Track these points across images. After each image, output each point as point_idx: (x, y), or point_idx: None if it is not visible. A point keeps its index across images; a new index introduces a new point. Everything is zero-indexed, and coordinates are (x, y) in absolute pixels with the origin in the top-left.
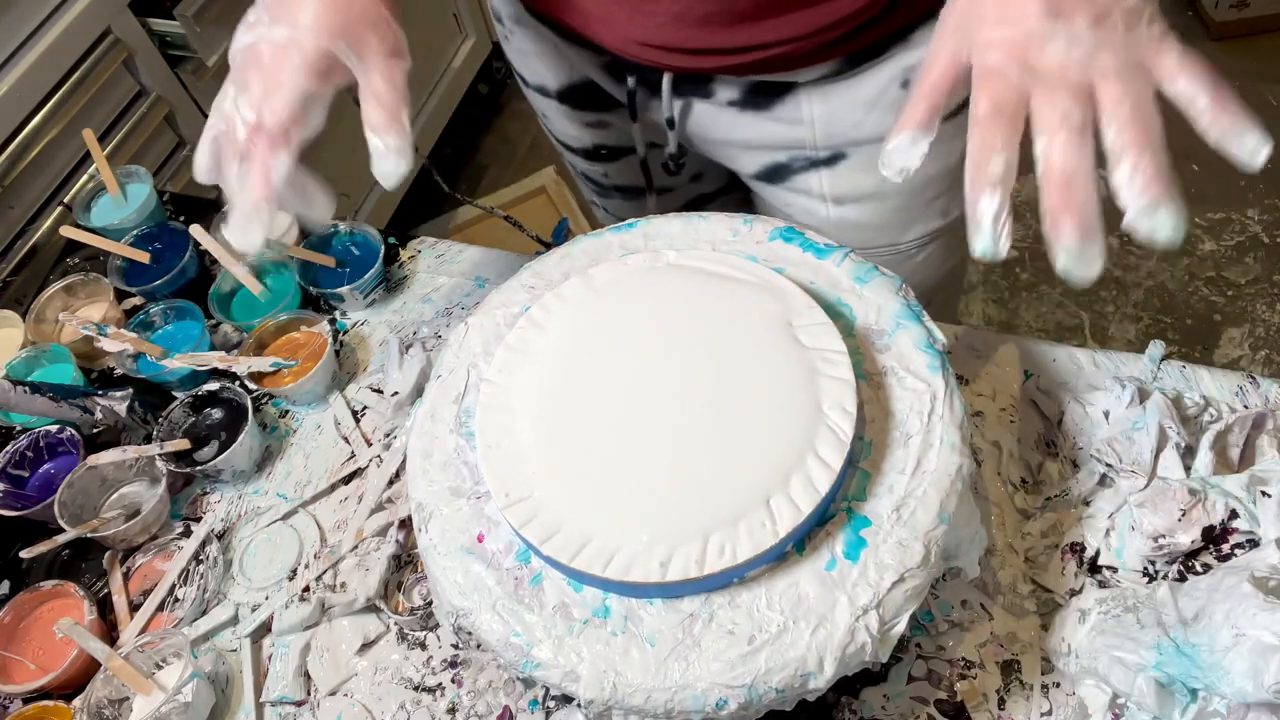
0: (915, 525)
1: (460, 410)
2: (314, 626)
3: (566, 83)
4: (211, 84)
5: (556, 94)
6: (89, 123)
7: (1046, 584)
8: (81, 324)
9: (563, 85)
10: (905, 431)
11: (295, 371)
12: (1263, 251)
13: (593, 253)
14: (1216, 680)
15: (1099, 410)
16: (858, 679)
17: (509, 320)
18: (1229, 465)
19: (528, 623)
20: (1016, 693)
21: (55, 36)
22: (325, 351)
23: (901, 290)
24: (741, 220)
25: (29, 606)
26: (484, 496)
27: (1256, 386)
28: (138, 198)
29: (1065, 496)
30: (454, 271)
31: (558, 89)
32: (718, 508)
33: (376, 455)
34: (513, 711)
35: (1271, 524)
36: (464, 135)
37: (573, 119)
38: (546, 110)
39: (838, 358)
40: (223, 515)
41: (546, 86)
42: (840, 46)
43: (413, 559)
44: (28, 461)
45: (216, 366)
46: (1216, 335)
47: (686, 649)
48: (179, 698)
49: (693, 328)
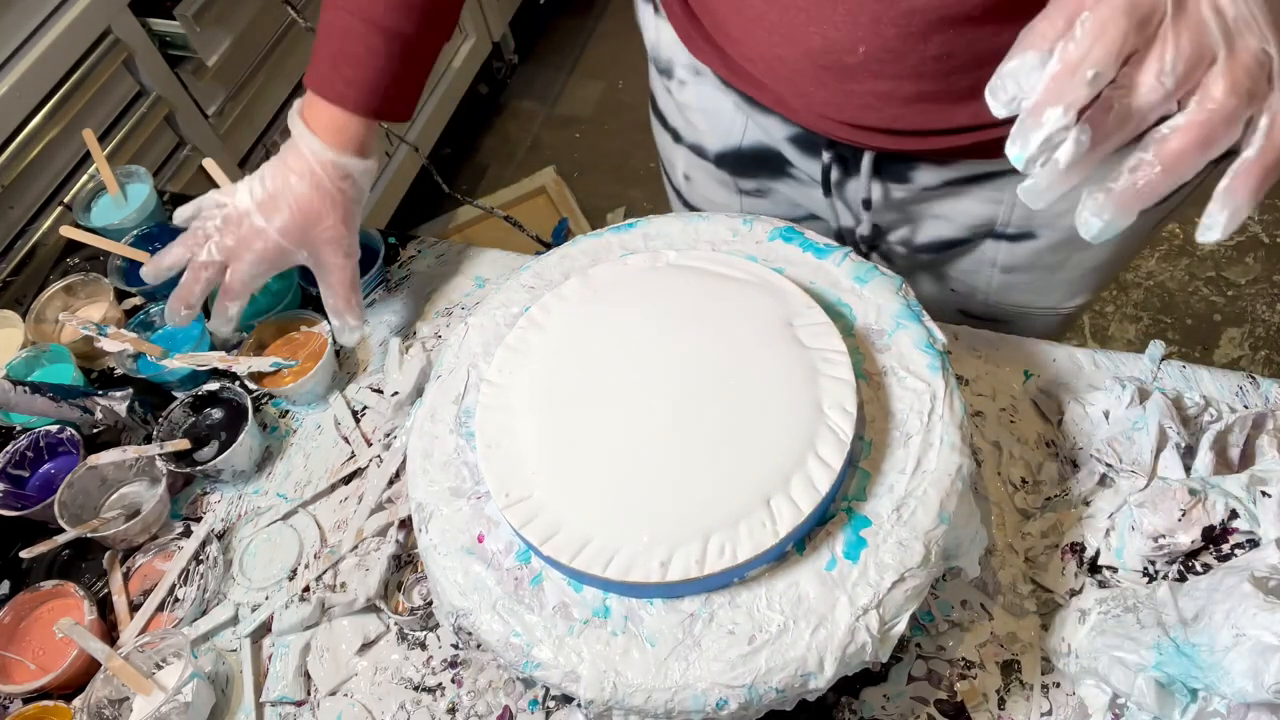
0: (915, 525)
1: (460, 410)
2: (314, 626)
3: (733, 147)
4: (211, 84)
5: (715, 156)
6: (89, 123)
7: (1046, 584)
8: (81, 324)
9: (726, 149)
10: (905, 431)
11: (295, 371)
12: (1263, 251)
13: (593, 253)
14: (1216, 680)
15: (1099, 410)
16: (858, 679)
17: (509, 320)
18: (1229, 465)
19: (528, 623)
20: (1016, 693)
21: (55, 36)
22: (325, 351)
23: (901, 290)
24: (741, 220)
25: (29, 606)
26: (484, 496)
27: (1256, 386)
28: (138, 198)
29: (1065, 496)
30: (454, 271)
31: (718, 152)
32: (718, 507)
33: (376, 455)
34: (513, 711)
35: (1271, 524)
36: (464, 135)
37: (724, 184)
38: (692, 172)
39: (838, 357)
40: (223, 515)
41: (704, 147)
42: None
43: (413, 559)
44: (28, 461)
45: (216, 366)
46: (1216, 335)
47: (687, 649)
48: (179, 698)
49: (693, 328)
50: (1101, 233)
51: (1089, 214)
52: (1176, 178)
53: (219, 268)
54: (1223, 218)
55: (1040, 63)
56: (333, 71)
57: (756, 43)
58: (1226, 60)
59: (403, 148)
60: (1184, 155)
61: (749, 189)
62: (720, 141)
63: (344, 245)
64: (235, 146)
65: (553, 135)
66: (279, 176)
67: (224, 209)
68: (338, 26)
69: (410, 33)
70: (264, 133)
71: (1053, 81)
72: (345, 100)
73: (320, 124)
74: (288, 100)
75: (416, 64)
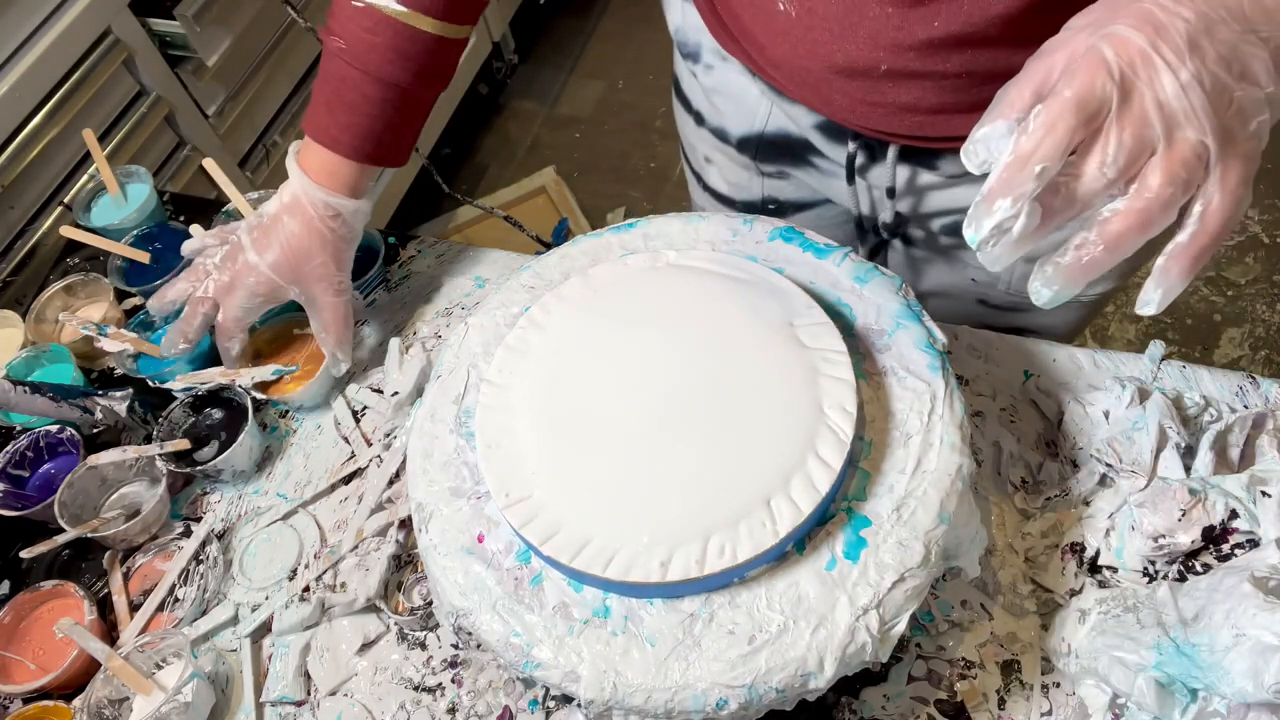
0: (915, 525)
1: (460, 410)
2: (314, 626)
3: (755, 132)
4: (211, 84)
5: (737, 141)
6: (89, 123)
7: (1046, 584)
8: (81, 324)
9: (748, 134)
10: (905, 431)
11: (298, 376)
12: (1263, 251)
13: (593, 253)
14: (1216, 680)
15: (1099, 410)
16: (858, 679)
17: (509, 320)
18: (1229, 465)
19: (528, 623)
20: (1016, 693)
21: (55, 36)
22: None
23: (901, 290)
24: (741, 220)
25: (29, 606)
26: (484, 496)
27: (1256, 386)
28: (138, 198)
29: (1065, 496)
30: (454, 271)
31: (740, 136)
32: (718, 507)
33: (376, 455)
34: (513, 711)
35: (1271, 524)
36: (464, 135)
37: (747, 169)
38: (714, 155)
39: (838, 357)
40: (223, 515)
41: (727, 131)
42: None
43: (413, 559)
44: (28, 461)
45: (220, 381)
46: (1216, 335)
47: (687, 649)
48: (179, 698)
49: (693, 328)
50: (1051, 301)
51: (1039, 284)
52: (1118, 255)
53: (214, 304)
54: (1157, 295)
55: (1008, 131)
56: (328, 117)
57: (781, 51)
58: (1165, 152)
59: None
60: (1123, 236)
61: (770, 172)
62: (744, 126)
63: (334, 283)
64: (235, 146)
65: (553, 135)
66: (275, 214)
67: (225, 246)
68: (334, 73)
69: (407, 84)
70: (264, 133)
71: (1005, 172)
72: (339, 146)
73: (313, 166)
74: (288, 100)
75: (412, 113)
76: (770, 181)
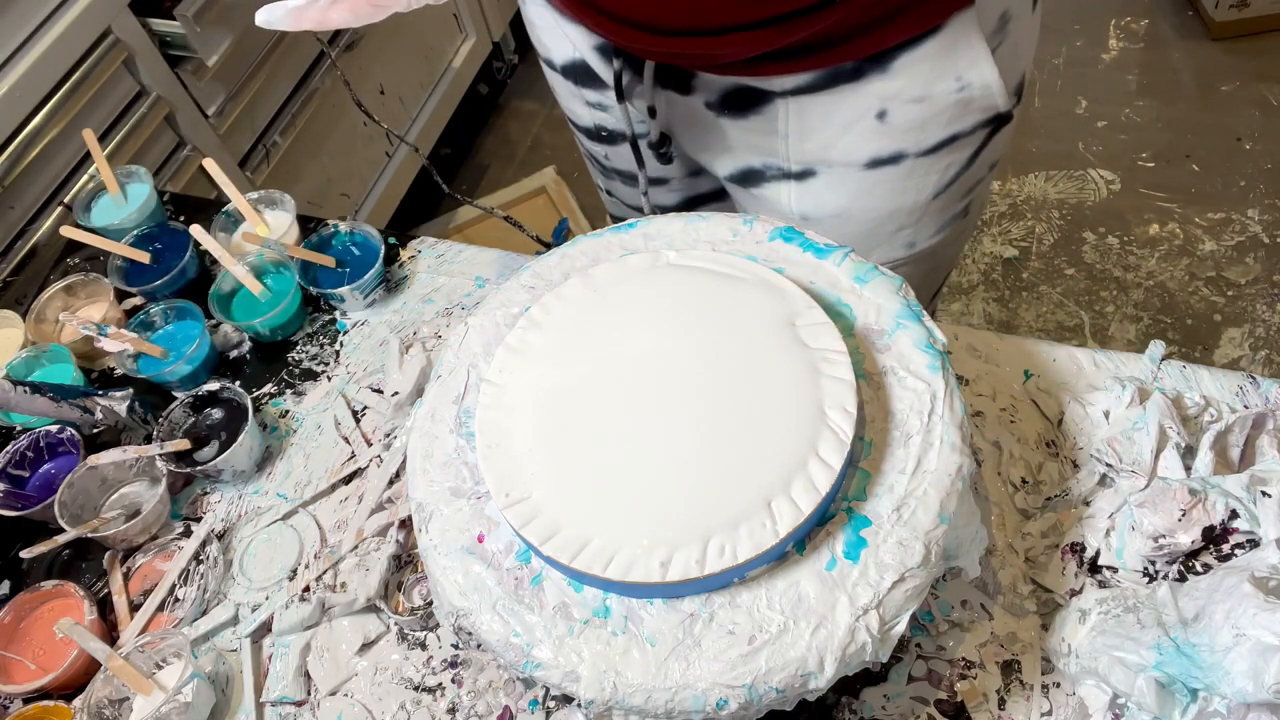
0: (915, 525)
1: (460, 410)
2: (314, 626)
3: (569, 59)
4: (211, 84)
5: (561, 69)
6: (89, 123)
7: (1046, 584)
8: (81, 324)
9: (565, 61)
10: (905, 431)
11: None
12: (1263, 251)
13: (593, 253)
14: (1217, 680)
15: (1099, 410)
16: (858, 679)
17: (509, 320)
18: (1229, 465)
19: (528, 623)
20: (1016, 693)
21: (55, 36)
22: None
23: (901, 290)
24: (741, 220)
25: (29, 606)
26: (484, 497)
27: (1256, 386)
28: (138, 198)
29: (1065, 496)
30: (454, 271)
31: (561, 64)
32: (718, 507)
33: (376, 455)
34: (513, 711)
35: (1271, 524)
36: (464, 135)
37: (575, 96)
38: (554, 84)
39: (838, 358)
40: (223, 515)
41: (552, 60)
42: (816, 56)
43: (413, 559)
44: (28, 461)
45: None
46: (1216, 335)
47: (687, 649)
48: (179, 698)
49: (693, 328)
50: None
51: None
52: None
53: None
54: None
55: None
56: None
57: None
58: None
59: (403, 148)
60: None
61: (591, 101)
62: (560, 55)
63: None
64: (235, 146)
65: (553, 135)
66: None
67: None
68: None
69: None
70: (264, 133)
71: None
72: None
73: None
74: (288, 100)
75: None
76: (593, 111)
